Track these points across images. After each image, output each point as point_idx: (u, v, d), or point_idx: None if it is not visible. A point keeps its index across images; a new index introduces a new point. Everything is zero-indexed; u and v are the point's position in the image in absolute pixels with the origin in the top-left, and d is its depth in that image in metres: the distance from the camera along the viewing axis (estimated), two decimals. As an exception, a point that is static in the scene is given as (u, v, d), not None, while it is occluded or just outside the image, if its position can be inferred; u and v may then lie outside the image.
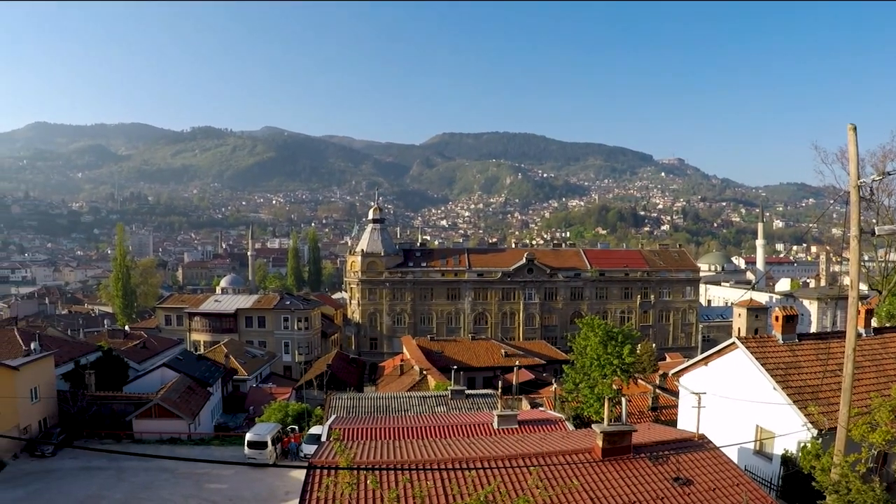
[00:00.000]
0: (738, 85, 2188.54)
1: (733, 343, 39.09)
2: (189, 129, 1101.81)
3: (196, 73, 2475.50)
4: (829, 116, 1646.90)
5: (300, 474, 46.35)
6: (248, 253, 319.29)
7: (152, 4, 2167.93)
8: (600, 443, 27.26)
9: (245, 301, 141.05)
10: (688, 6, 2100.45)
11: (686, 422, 42.18)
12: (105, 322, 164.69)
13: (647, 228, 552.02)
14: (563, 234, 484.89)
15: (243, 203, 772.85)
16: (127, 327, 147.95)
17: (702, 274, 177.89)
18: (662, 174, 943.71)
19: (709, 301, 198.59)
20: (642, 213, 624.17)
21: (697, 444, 29.45)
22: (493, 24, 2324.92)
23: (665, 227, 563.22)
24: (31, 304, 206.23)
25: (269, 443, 60.99)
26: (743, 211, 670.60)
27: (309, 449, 57.06)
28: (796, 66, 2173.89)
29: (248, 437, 62.53)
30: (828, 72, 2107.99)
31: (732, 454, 32.51)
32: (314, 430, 63.87)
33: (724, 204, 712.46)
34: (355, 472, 22.25)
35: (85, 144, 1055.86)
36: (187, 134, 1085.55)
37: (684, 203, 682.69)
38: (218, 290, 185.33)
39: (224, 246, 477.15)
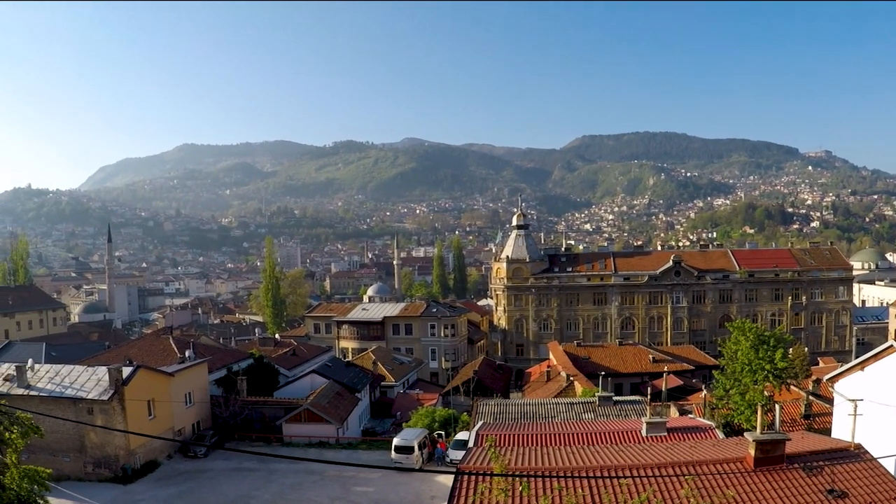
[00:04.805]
0: (886, 70, 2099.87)
1: (891, 346, 37.34)
2: (331, 144, 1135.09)
3: (336, 89, 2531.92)
4: None
5: (446, 479, 46.43)
6: (394, 262, 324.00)
7: (291, 20, 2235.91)
8: (752, 452, 26.80)
9: (392, 309, 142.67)
10: (831, 5, 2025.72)
11: (841, 430, 40.59)
12: (256, 331, 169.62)
13: (795, 226, 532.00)
14: (710, 235, 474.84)
15: (387, 213, 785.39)
16: (277, 335, 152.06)
17: (855, 273, 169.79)
18: (809, 168, 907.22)
19: (863, 301, 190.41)
20: (790, 209, 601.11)
21: (853, 454, 28.50)
22: (629, 25, 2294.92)
23: (814, 224, 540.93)
24: (184, 315, 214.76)
25: (416, 448, 61.57)
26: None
27: (455, 454, 57.28)
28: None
29: (395, 441, 63.37)
30: None
31: (890, 465, 31.16)
32: (460, 435, 64.12)
33: (875, 197, 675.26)
34: (507, 478, 22.15)
35: (231, 163, 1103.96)
36: (330, 148, 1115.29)
37: (833, 197, 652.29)
38: (365, 298, 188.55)
39: (370, 256, 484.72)
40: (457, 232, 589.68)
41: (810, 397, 64.95)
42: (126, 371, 62.94)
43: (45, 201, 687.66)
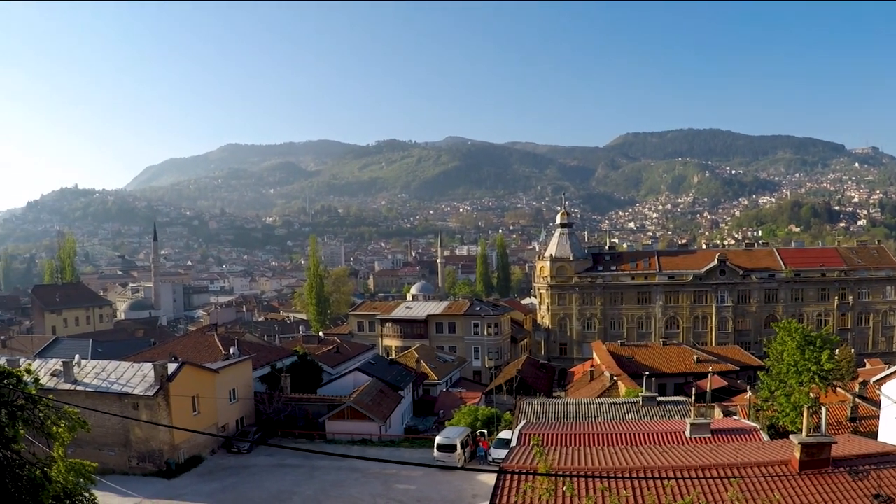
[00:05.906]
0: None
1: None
2: (374, 143, 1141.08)
3: (378, 89, 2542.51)
4: None
5: (488, 478, 46.31)
6: (438, 260, 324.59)
7: (334, 21, 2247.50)
8: (798, 455, 26.56)
9: (435, 307, 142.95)
10: (877, 4, 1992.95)
11: (888, 434, 40.12)
12: (300, 328, 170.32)
13: (842, 224, 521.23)
14: (755, 233, 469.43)
15: (431, 212, 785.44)
16: (321, 333, 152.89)
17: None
18: (856, 164, 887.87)
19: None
20: (837, 207, 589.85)
21: (901, 458, 27.78)
22: (672, 24, 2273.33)
23: (862, 222, 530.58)
24: (229, 312, 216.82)
25: (458, 446, 61.49)
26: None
27: (497, 453, 57.17)
28: None
29: (437, 440, 63.33)
30: None
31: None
32: (503, 434, 63.98)
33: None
34: (551, 477, 22.09)
35: (275, 162, 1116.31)
36: (373, 148, 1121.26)
37: (881, 195, 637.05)
38: (409, 296, 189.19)
39: (413, 254, 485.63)
40: (500, 230, 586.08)
41: (857, 400, 64.00)
42: (171, 367, 63.87)
43: (91, 201, 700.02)
